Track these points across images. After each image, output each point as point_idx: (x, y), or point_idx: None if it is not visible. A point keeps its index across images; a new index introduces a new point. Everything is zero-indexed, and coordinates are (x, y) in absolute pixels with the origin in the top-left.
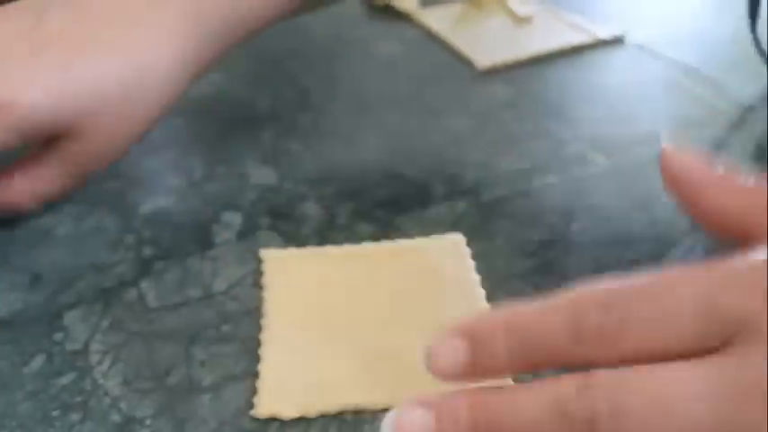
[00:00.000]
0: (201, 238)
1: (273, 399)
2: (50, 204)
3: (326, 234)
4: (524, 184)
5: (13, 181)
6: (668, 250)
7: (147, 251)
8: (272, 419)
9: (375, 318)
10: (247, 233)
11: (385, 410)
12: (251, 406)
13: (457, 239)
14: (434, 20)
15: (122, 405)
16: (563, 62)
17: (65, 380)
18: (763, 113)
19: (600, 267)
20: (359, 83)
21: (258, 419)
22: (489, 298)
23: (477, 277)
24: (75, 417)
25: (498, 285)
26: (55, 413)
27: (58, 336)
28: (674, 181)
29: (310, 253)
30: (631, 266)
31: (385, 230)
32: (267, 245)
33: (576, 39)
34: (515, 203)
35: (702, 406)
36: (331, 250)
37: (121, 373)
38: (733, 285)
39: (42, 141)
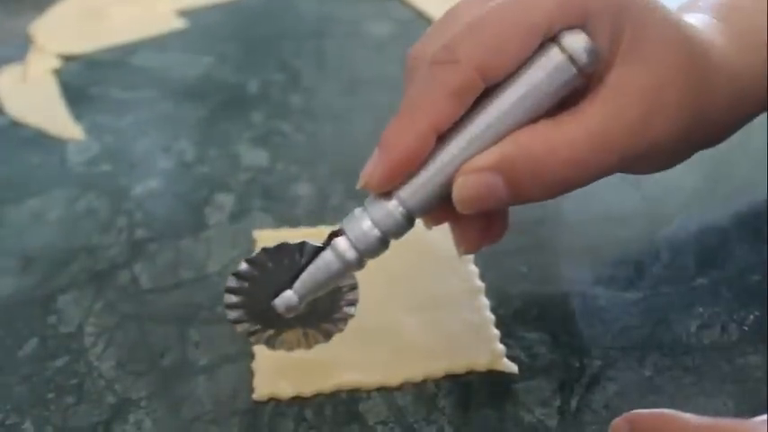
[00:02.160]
0: (194, 220)
1: (270, 379)
2: (42, 188)
3: (319, 214)
4: None
5: None
6: (660, 228)
7: (140, 233)
8: (268, 399)
9: (369, 297)
10: (240, 214)
11: (380, 389)
12: (246, 386)
13: None
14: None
15: (117, 387)
16: None
17: (59, 362)
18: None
19: (592, 245)
20: (349, 63)
21: (253, 399)
22: (482, 276)
23: (469, 255)
24: (69, 399)
25: (491, 263)
26: (50, 396)
27: (52, 319)
28: None
29: (303, 233)
30: (623, 244)
31: None
32: (260, 226)
33: None
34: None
35: None
36: (324, 231)
37: (116, 356)
38: None
39: None
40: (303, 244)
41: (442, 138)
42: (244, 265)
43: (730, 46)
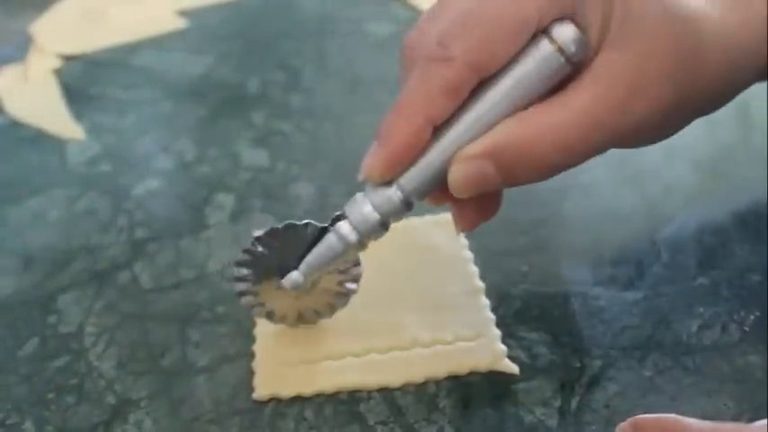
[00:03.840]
0: (194, 220)
1: (270, 379)
2: (42, 187)
3: (319, 214)
4: None
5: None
6: (661, 228)
7: (140, 233)
8: (269, 399)
9: (370, 296)
10: (240, 214)
11: (381, 390)
12: (246, 386)
13: (450, 218)
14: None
15: (117, 387)
16: None
17: (59, 362)
18: (754, 88)
19: (592, 245)
20: (350, 63)
21: (253, 399)
22: (483, 276)
23: (470, 255)
24: (70, 399)
25: (492, 263)
26: (50, 396)
27: (52, 318)
28: None
29: None
30: (624, 244)
31: None
32: (260, 226)
33: None
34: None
35: None
36: None
37: (116, 355)
38: None
39: None
40: (308, 224)
41: (438, 127)
42: (253, 242)
43: (730, 16)
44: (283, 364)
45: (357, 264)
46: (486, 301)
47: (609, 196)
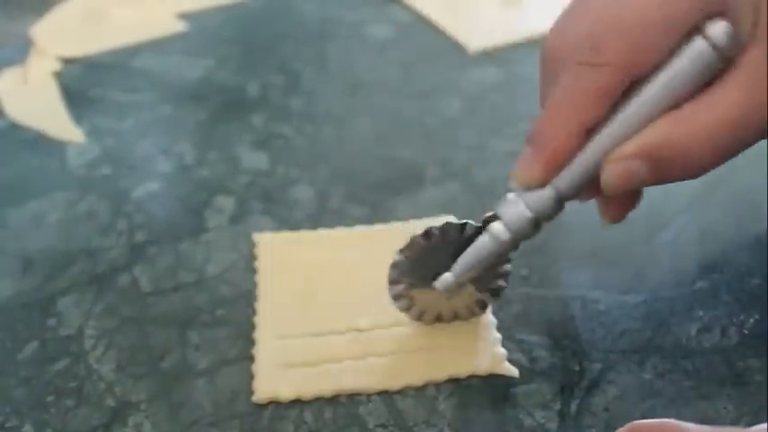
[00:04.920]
0: (194, 223)
1: (270, 382)
2: (42, 190)
3: (319, 217)
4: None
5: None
6: (660, 231)
7: (140, 236)
8: (268, 402)
9: (369, 300)
10: (240, 217)
11: (380, 393)
12: (246, 389)
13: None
14: (426, 3)
15: (117, 390)
16: None
17: (59, 365)
18: None
19: (592, 249)
20: (350, 66)
21: (253, 402)
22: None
23: None
24: (69, 402)
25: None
26: (49, 399)
27: (52, 321)
28: None
29: (303, 236)
30: (623, 247)
31: (377, 213)
32: (260, 228)
33: None
34: (507, 185)
35: None
36: (324, 233)
37: (116, 358)
38: None
39: None
40: (465, 224)
41: (592, 129)
42: (409, 244)
43: None
44: (283, 367)
45: (507, 261)
46: None
47: None
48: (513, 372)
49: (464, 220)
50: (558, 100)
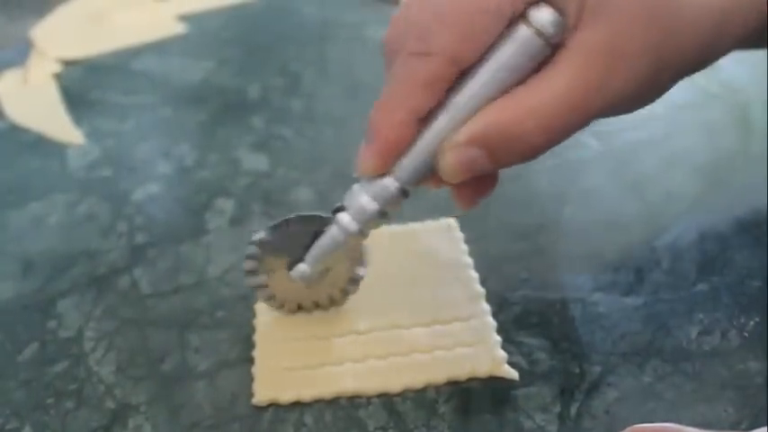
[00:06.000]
0: (194, 225)
1: (270, 385)
2: (42, 192)
3: None
4: (517, 168)
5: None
6: (660, 234)
7: (140, 238)
8: (268, 405)
9: (369, 302)
10: (240, 219)
11: (380, 396)
12: (246, 391)
13: (450, 223)
14: None
15: (117, 392)
16: None
17: (59, 367)
18: (753, 96)
19: (592, 251)
20: (350, 67)
21: (253, 405)
22: (483, 282)
23: (470, 260)
24: (69, 404)
25: (492, 269)
26: (49, 401)
27: (52, 323)
28: None
29: None
30: (623, 250)
31: None
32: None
33: None
34: (508, 187)
35: None
36: None
37: (115, 360)
38: None
39: None
40: (313, 216)
41: (426, 117)
42: (262, 234)
43: None
44: (283, 370)
45: (365, 250)
46: (486, 307)
47: (609, 202)
48: (513, 374)
49: (314, 212)
50: (389, 90)
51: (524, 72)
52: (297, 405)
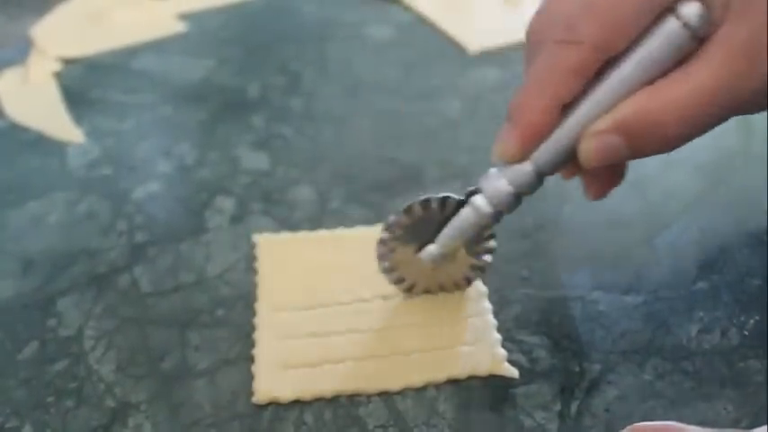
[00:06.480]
0: (194, 223)
1: (270, 383)
2: (42, 191)
3: (319, 218)
4: None
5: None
6: (660, 232)
7: (140, 237)
8: (268, 403)
9: (369, 301)
10: (240, 218)
11: (380, 394)
12: (246, 390)
13: None
14: (426, 3)
15: (117, 391)
16: None
17: (59, 366)
18: None
19: (592, 250)
20: (350, 67)
21: (253, 403)
22: (483, 280)
23: None
24: (69, 403)
25: (492, 268)
26: (49, 399)
27: (52, 322)
28: None
29: (303, 237)
30: (624, 248)
31: (378, 214)
32: (260, 229)
33: None
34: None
35: None
36: (324, 234)
37: (115, 359)
38: None
39: None
40: (446, 198)
41: (568, 105)
42: (392, 220)
43: None
44: (283, 368)
45: (491, 237)
46: (488, 305)
47: (609, 201)
48: (513, 373)
49: (444, 194)
50: (534, 76)
51: (668, 64)
52: (297, 403)
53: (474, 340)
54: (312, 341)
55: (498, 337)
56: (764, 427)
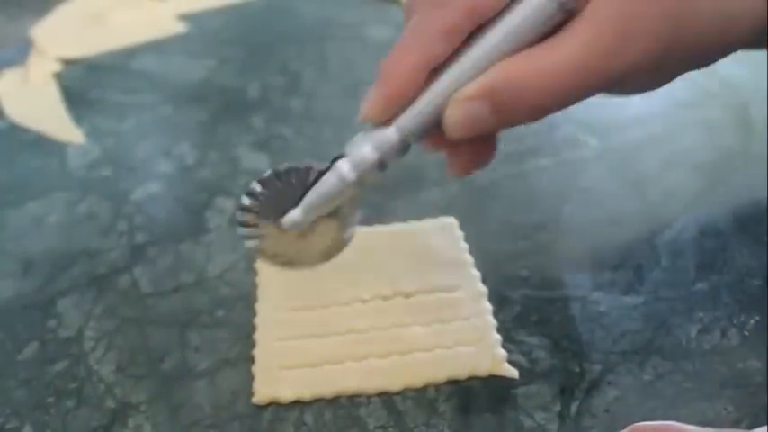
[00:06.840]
0: (194, 224)
1: (270, 383)
2: (42, 191)
3: None
4: (517, 166)
5: None
6: (660, 232)
7: (140, 237)
8: (268, 403)
9: (369, 301)
10: None
11: (380, 395)
12: (246, 390)
13: (450, 222)
14: None
15: (117, 391)
16: None
17: (59, 366)
18: (753, 95)
19: (592, 250)
20: (350, 67)
21: (253, 403)
22: (483, 280)
23: (470, 259)
24: (69, 403)
25: (492, 268)
26: (49, 400)
27: (52, 323)
28: None
29: None
30: (623, 248)
31: (378, 214)
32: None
33: None
34: (508, 186)
35: None
36: None
37: (115, 360)
38: None
39: None
40: (309, 167)
41: (437, 71)
42: (256, 185)
43: None
44: (283, 369)
45: (355, 210)
46: (488, 306)
47: (609, 201)
48: (513, 373)
49: (307, 163)
50: (403, 38)
51: (537, 34)
52: (297, 404)
53: (474, 340)
54: (312, 341)
55: (498, 337)
56: (764, 428)
